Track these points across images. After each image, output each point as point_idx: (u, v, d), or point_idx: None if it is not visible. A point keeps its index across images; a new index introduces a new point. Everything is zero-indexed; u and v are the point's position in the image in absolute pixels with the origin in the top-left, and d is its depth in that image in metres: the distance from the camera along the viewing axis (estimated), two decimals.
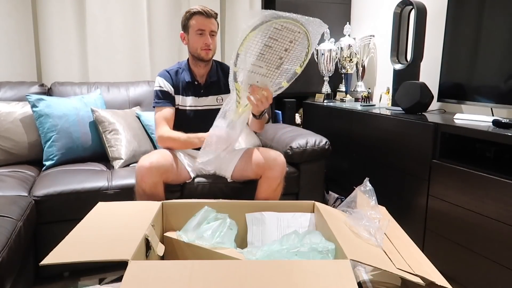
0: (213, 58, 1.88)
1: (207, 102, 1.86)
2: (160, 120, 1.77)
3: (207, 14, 1.73)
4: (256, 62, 1.43)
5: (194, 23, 1.74)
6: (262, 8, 2.92)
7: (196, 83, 1.84)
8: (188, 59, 1.88)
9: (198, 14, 1.73)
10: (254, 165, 1.71)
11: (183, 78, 1.84)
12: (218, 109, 1.80)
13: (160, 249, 1.20)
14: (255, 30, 1.34)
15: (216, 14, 1.79)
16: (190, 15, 1.75)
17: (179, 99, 1.83)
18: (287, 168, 1.96)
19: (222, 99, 1.87)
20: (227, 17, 2.86)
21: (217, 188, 1.84)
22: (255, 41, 1.38)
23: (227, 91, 1.80)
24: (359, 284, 1.16)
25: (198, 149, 1.84)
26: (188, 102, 1.84)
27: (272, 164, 1.67)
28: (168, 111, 1.79)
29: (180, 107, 1.84)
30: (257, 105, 1.54)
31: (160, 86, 1.81)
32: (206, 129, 1.81)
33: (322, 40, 2.76)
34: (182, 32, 1.82)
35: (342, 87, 2.85)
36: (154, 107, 1.82)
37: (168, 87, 1.81)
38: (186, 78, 1.84)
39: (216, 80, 1.88)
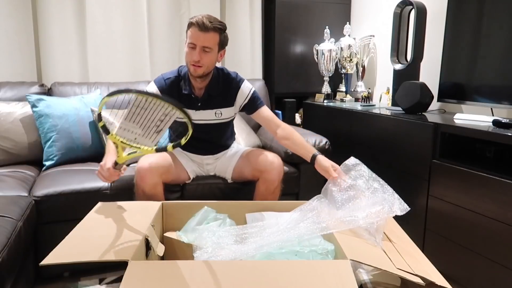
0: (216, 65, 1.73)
1: (205, 116, 1.73)
2: None
3: (200, 27, 1.54)
4: (128, 123, 1.24)
5: (189, 34, 1.58)
6: (262, 9, 2.92)
7: (193, 96, 1.70)
8: None
9: (193, 26, 1.56)
10: (251, 168, 1.71)
11: (180, 89, 1.70)
12: (217, 123, 1.77)
13: (160, 249, 1.20)
14: (110, 96, 1.20)
15: (220, 28, 1.59)
16: (188, 24, 1.59)
17: None
18: (286, 168, 1.97)
19: (221, 114, 1.76)
20: (227, 18, 2.86)
21: (217, 188, 1.84)
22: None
23: (227, 104, 1.76)
24: (360, 286, 1.16)
25: (200, 152, 1.84)
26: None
27: (269, 167, 1.66)
28: None
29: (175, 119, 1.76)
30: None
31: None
32: (206, 141, 1.80)
33: (322, 40, 2.76)
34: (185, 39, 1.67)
35: (342, 87, 2.85)
36: None
37: None
38: (183, 89, 1.69)
39: (216, 93, 1.72)
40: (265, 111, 1.77)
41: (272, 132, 1.76)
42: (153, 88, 1.71)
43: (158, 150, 1.26)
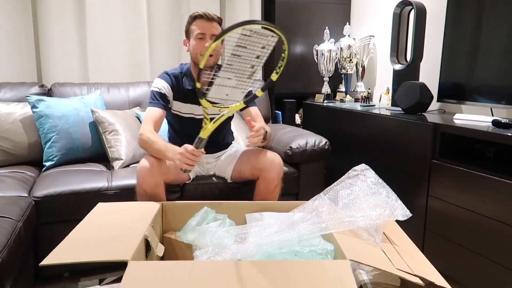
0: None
1: (208, 111, 1.79)
2: (147, 119, 1.68)
3: (207, 18, 1.67)
4: (224, 74, 1.26)
5: (195, 27, 1.68)
6: (262, 9, 2.92)
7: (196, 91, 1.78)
8: (190, 65, 1.80)
9: (199, 17, 1.67)
10: (251, 167, 1.71)
11: (184, 85, 1.76)
12: None
13: (159, 249, 1.20)
14: (217, 41, 1.19)
15: (220, 18, 1.71)
16: (191, 19, 1.70)
17: (177, 105, 1.76)
18: (286, 168, 1.97)
19: None
20: (227, 17, 2.86)
21: (217, 188, 1.84)
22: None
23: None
24: (360, 286, 1.16)
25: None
26: (187, 109, 1.77)
27: (269, 166, 1.66)
28: (157, 112, 1.70)
29: (179, 114, 1.78)
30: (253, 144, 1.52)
31: (157, 88, 1.73)
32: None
33: (322, 40, 2.77)
34: (185, 38, 1.77)
35: (342, 88, 2.85)
36: (148, 106, 1.73)
37: (166, 90, 1.73)
38: (186, 85, 1.75)
39: None
40: (254, 110, 1.85)
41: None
42: (160, 83, 1.73)
43: (247, 102, 1.35)
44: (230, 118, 1.88)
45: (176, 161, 1.44)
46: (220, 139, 1.88)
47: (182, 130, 1.81)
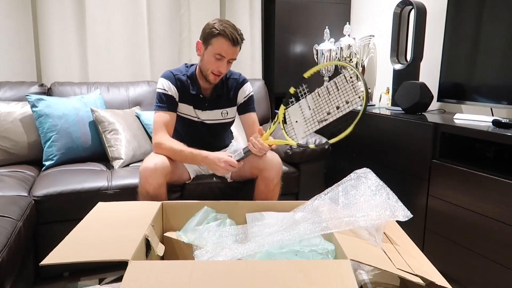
0: None
1: (211, 115, 1.78)
2: (160, 126, 1.66)
3: (234, 42, 1.58)
4: (309, 99, 1.34)
5: (216, 44, 1.58)
6: (262, 9, 2.92)
7: (201, 96, 1.74)
8: (196, 70, 1.74)
9: (225, 38, 1.57)
10: (250, 166, 1.71)
11: (188, 88, 1.72)
12: (222, 123, 1.81)
13: (160, 249, 1.20)
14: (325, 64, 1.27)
15: (243, 40, 1.64)
16: (216, 33, 1.57)
17: (181, 107, 1.74)
18: (286, 168, 1.97)
19: (227, 113, 1.80)
20: (227, 17, 2.86)
21: (217, 188, 1.84)
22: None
23: (231, 104, 1.80)
24: (360, 286, 1.16)
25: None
26: (191, 112, 1.75)
27: (268, 165, 1.66)
28: (170, 117, 1.68)
29: (182, 115, 1.76)
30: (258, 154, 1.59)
31: (164, 89, 1.68)
32: (209, 141, 1.81)
33: (322, 40, 2.76)
34: (200, 41, 1.65)
35: None
36: (155, 110, 1.70)
37: (173, 91, 1.69)
38: (191, 89, 1.71)
39: (222, 93, 1.77)
40: (253, 117, 1.82)
41: (248, 137, 1.81)
42: (166, 84, 1.69)
43: (299, 145, 1.41)
44: (230, 124, 1.88)
45: (215, 167, 1.58)
46: (222, 141, 1.89)
47: (186, 133, 1.80)
